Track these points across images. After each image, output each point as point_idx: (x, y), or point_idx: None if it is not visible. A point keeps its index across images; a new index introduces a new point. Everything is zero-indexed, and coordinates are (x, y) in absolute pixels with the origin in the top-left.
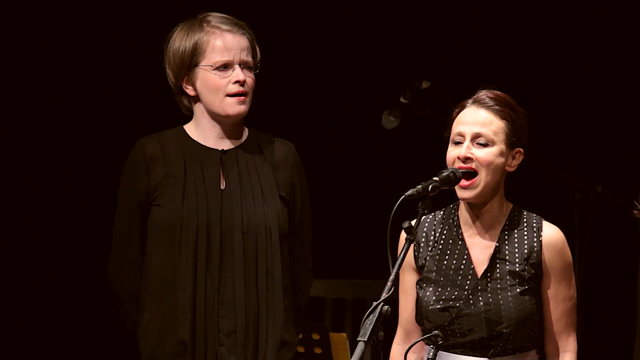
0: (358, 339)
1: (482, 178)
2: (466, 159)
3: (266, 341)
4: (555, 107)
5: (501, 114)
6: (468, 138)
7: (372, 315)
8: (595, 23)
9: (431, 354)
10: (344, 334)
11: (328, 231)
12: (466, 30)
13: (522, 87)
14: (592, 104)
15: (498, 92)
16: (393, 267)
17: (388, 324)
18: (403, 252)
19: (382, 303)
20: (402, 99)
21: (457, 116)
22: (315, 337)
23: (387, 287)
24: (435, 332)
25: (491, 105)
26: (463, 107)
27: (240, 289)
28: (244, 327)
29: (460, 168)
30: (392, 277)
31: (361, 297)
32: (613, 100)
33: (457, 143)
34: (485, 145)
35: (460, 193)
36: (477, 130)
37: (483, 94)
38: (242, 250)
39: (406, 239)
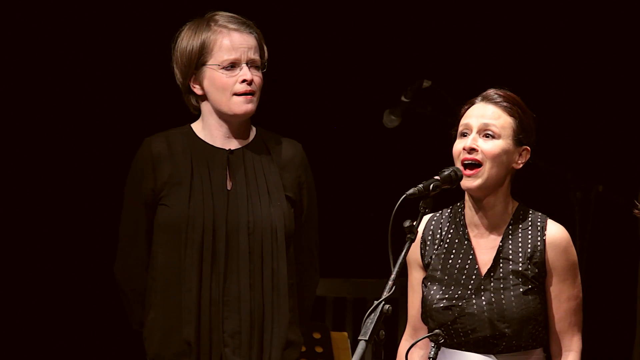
0: (359, 338)
1: (486, 169)
2: (471, 150)
3: (271, 342)
4: (556, 106)
5: (509, 111)
6: (475, 130)
7: (373, 314)
8: (596, 23)
9: (432, 352)
10: (345, 333)
11: (329, 230)
12: (467, 29)
13: (524, 87)
14: (593, 103)
15: (508, 91)
16: (394, 266)
17: (389, 323)
18: (404, 251)
19: (383, 302)
20: (403, 98)
21: (465, 112)
22: (316, 336)
23: (388, 286)
24: (437, 331)
25: (500, 102)
26: (472, 104)
27: (245, 290)
28: (249, 327)
29: (465, 159)
30: (393, 276)
31: (362, 296)
32: (614, 99)
33: (464, 135)
34: (491, 137)
35: (464, 182)
36: (485, 121)
37: (492, 92)
38: (247, 251)
39: (407, 237)
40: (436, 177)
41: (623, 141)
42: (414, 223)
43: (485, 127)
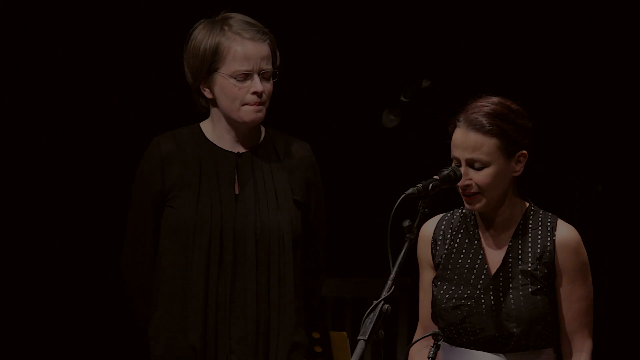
0: (358, 337)
1: (484, 196)
2: (465, 187)
3: (277, 347)
4: (555, 105)
5: (491, 132)
6: (463, 163)
7: (372, 314)
8: (596, 22)
9: (432, 352)
10: (344, 333)
11: (329, 230)
12: (467, 28)
13: (523, 86)
14: (593, 102)
15: (489, 100)
16: (393, 265)
17: (388, 323)
18: (403, 250)
19: (382, 302)
20: (402, 98)
21: (452, 132)
22: (316, 335)
23: (387, 286)
24: (436, 330)
25: (480, 127)
26: (455, 126)
27: (251, 296)
28: (255, 333)
29: (462, 193)
30: (392, 275)
31: (361, 295)
32: (614, 98)
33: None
34: (481, 168)
35: (466, 205)
36: (470, 156)
37: (473, 113)
38: (254, 257)
39: (406, 237)
40: (435, 177)
41: (623, 141)
42: (414, 223)
43: (472, 161)
